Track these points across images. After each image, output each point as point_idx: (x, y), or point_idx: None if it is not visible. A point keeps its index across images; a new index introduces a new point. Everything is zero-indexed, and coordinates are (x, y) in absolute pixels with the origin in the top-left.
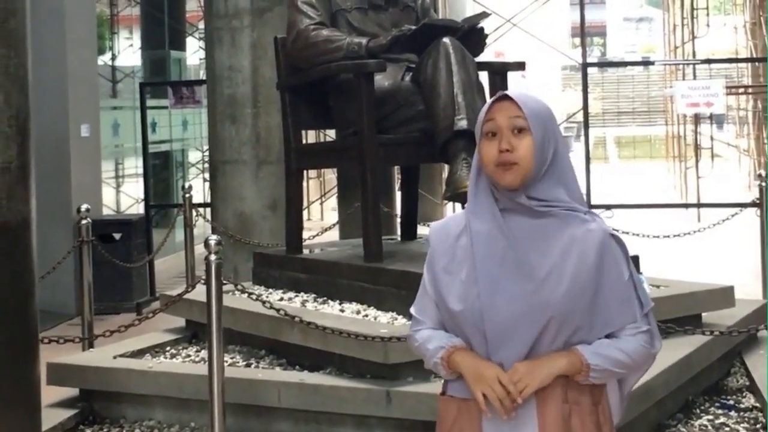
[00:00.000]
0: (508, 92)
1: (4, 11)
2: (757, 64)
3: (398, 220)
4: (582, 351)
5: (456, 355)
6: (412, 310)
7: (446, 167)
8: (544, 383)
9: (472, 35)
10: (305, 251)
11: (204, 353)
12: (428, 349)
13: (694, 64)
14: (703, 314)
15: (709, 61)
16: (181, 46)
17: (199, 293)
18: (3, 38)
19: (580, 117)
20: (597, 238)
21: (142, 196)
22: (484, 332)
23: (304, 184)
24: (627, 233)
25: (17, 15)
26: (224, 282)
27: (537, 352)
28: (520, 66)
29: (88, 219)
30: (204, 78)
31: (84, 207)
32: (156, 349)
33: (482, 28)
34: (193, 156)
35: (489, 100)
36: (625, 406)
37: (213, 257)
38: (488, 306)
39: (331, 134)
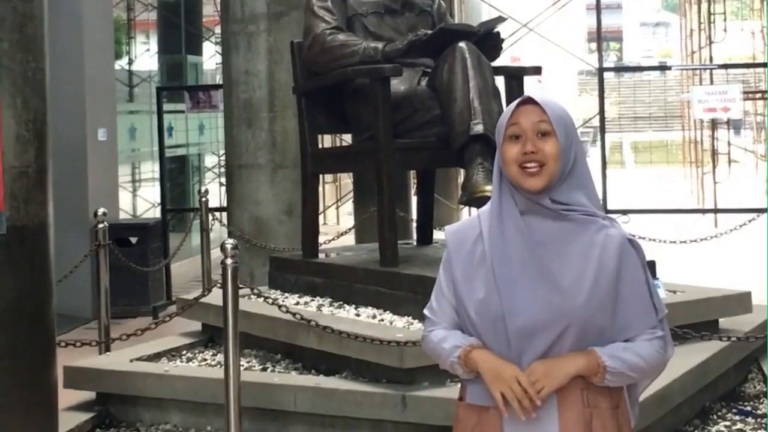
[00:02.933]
0: (532, 95)
1: (22, 16)
2: None
3: (414, 224)
4: (600, 353)
5: (474, 353)
6: (425, 311)
7: (462, 172)
8: (561, 384)
9: (488, 40)
10: (321, 256)
11: (220, 357)
12: (444, 348)
13: (711, 69)
14: (720, 320)
15: (726, 66)
16: (197, 51)
17: (215, 297)
18: (21, 43)
19: (596, 122)
20: (616, 243)
21: (158, 200)
22: (506, 335)
23: (320, 188)
24: (643, 238)
25: (35, 20)
26: (240, 286)
27: (557, 354)
28: (536, 71)
29: (105, 223)
30: (220, 82)
31: (101, 211)
32: (172, 353)
33: (498, 33)
34: (210, 160)
35: (513, 103)
36: (637, 413)
37: (229, 261)
38: (509, 310)
39: (347, 139)
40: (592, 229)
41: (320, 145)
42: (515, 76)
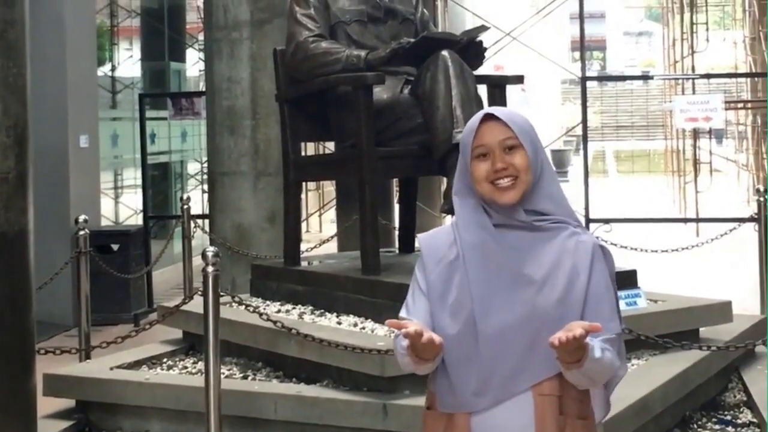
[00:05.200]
0: (493, 111)
1: (3, 22)
2: (756, 79)
3: (396, 232)
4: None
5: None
6: (401, 314)
7: (444, 180)
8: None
9: (471, 48)
10: (303, 263)
11: (201, 365)
12: (397, 344)
13: (693, 79)
14: (701, 329)
15: (708, 76)
16: (180, 58)
17: (196, 305)
18: (2, 49)
19: (579, 131)
20: (588, 248)
21: (140, 207)
22: (480, 337)
23: (303, 196)
24: (625, 247)
25: (17, 26)
26: (221, 294)
27: (531, 358)
28: (519, 79)
29: (86, 230)
30: (203, 89)
31: (82, 218)
32: (153, 361)
33: (481, 42)
34: (192, 167)
35: (474, 120)
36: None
37: (210, 269)
38: (483, 312)
39: (329, 146)
40: (564, 235)
41: (303, 153)
42: (498, 85)
